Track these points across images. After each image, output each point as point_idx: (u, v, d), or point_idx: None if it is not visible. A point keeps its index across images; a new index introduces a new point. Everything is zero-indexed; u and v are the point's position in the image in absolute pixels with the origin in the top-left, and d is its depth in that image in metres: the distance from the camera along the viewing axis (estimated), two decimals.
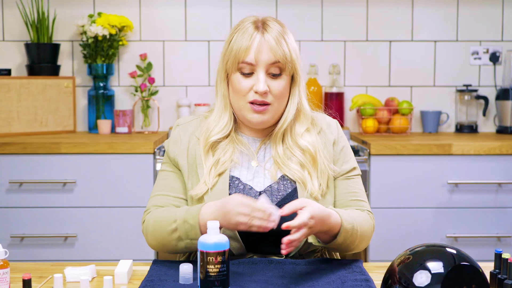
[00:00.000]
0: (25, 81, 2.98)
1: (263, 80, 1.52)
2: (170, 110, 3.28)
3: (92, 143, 2.72)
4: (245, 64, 1.53)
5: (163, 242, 1.51)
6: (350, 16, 3.27)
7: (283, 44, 1.53)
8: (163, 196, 1.59)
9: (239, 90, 1.55)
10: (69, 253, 2.74)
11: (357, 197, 1.61)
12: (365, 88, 3.31)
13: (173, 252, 1.54)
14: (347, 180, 1.62)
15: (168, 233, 1.48)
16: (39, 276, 1.43)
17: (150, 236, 1.54)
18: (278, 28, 1.55)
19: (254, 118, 1.56)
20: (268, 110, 1.55)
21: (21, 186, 2.71)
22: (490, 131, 3.33)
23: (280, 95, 1.55)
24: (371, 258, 2.78)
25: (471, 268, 1.15)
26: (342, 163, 1.63)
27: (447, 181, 2.76)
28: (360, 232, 1.52)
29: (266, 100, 1.54)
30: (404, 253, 1.20)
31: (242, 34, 1.54)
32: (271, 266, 1.45)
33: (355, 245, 1.53)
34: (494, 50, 3.29)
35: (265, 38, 1.53)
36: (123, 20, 3.10)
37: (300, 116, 1.61)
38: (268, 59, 1.52)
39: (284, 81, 1.55)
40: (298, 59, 1.57)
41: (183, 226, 1.46)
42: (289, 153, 1.58)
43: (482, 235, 2.78)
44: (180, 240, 1.47)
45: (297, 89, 1.59)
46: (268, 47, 1.52)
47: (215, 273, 1.23)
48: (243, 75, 1.54)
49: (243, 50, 1.53)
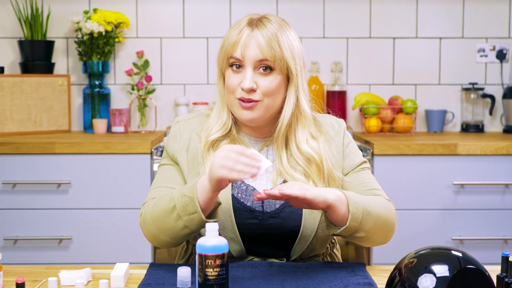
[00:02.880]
0: (18, 79, 2.98)
1: (249, 77, 1.52)
2: (168, 109, 3.28)
3: (87, 143, 2.72)
4: (233, 59, 1.53)
5: (163, 227, 1.46)
6: (353, 12, 3.27)
7: (273, 41, 1.51)
8: (163, 188, 1.57)
9: (228, 86, 1.55)
10: (64, 256, 2.74)
11: (371, 186, 1.59)
12: (368, 86, 3.31)
13: (173, 238, 1.48)
14: (358, 172, 1.61)
15: (166, 213, 1.44)
16: (33, 279, 1.43)
17: (149, 224, 1.49)
18: (273, 26, 1.53)
19: (242, 115, 1.55)
20: (257, 107, 1.53)
21: (14, 187, 2.72)
22: (497, 130, 3.33)
23: (270, 92, 1.53)
24: (375, 262, 2.78)
25: (477, 271, 1.15)
26: (350, 160, 1.63)
27: (453, 182, 2.76)
28: (376, 212, 1.46)
29: (253, 97, 1.52)
30: (409, 256, 1.20)
31: (234, 30, 1.55)
32: (272, 269, 1.45)
33: (375, 227, 1.45)
34: (501, 47, 3.29)
35: (253, 34, 1.52)
36: (119, 16, 3.10)
37: (302, 119, 1.59)
38: (255, 56, 1.51)
39: (275, 79, 1.53)
40: (294, 59, 1.54)
41: (181, 200, 1.41)
42: (293, 162, 1.57)
43: (488, 237, 2.78)
44: (179, 219, 1.42)
45: (294, 89, 1.56)
46: (255, 43, 1.51)
47: (214, 276, 1.22)
48: (233, 71, 1.55)
49: (231, 45, 1.53)
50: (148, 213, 1.51)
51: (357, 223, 1.43)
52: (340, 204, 1.41)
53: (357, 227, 1.43)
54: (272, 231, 1.53)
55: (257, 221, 1.53)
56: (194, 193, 1.40)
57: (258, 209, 1.54)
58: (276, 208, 1.54)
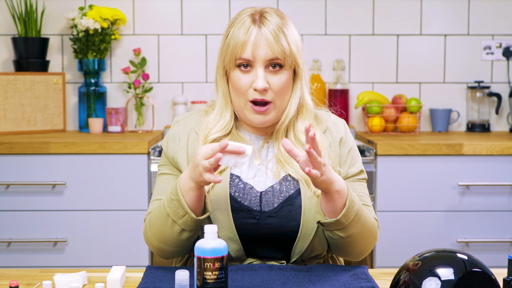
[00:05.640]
0: (12, 77, 2.98)
1: (261, 76, 1.53)
2: (165, 108, 3.28)
3: (83, 142, 2.72)
4: (242, 60, 1.54)
5: (163, 237, 1.51)
6: (356, 9, 3.27)
7: (282, 38, 1.53)
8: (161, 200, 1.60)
9: (238, 87, 1.55)
10: (58, 259, 2.74)
11: (363, 201, 1.61)
12: (371, 84, 3.31)
13: (178, 246, 1.53)
14: (353, 183, 1.63)
15: (162, 223, 1.50)
16: (27, 283, 1.43)
17: (151, 237, 1.55)
18: (276, 20, 1.54)
19: (255, 119, 1.56)
20: (270, 110, 1.55)
21: (8, 188, 2.72)
22: (503, 130, 3.33)
23: (281, 91, 1.55)
24: (378, 264, 2.78)
25: (483, 274, 1.15)
26: (350, 166, 1.63)
27: (458, 183, 2.76)
28: (364, 220, 1.50)
29: (266, 98, 1.54)
30: (413, 259, 1.20)
31: (238, 28, 1.55)
32: (272, 272, 1.45)
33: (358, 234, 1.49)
34: (507, 45, 3.29)
35: (262, 32, 1.52)
36: (115, 13, 3.10)
37: (302, 111, 1.62)
38: (266, 55, 1.52)
39: (285, 76, 1.55)
40: (299, 52, 1.57)
41: (170, 206, 1.47)
42: None
43: (494, 240, 2.78)
44: (174, 225, 1.48)
45: (299, 84, 1.59)
46: (265, 42, 1.52)
47: (213, 280, 1.22)
48: (241, 72, 1.55)
49: (240, 45, 1.53)
50: (148, 228, 1.57)
51: (346, 221, 1.46)
52: (342, 194, 1.45)
53: (344, 226, 1.47)
54: (271, 231, 1.53)
55: (255, 221, 1.53)
56: (179, 195, 1.45)
57: (256, 209, 1.54)
58: (274, 208, 1.54)
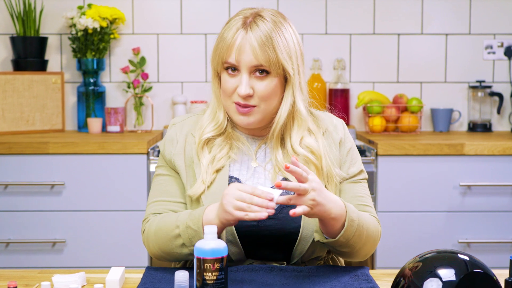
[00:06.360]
0: (10, 76, 2.98)
1: (245, 82, 1.51)
2: (165, 108, 3.28)
3: (81, 142, 2.72)
4: (228, 64, 1.53)
5: (166, 250, 1.52)
6: (356, 8, 3.27)
7: (268, 45, 1.50)
8: (160, 202, 1.61)
9: (224, 90, 1.56)
10: (57, 259, 2.74)
11: (364, 202, 1.61)
12: (372, 84, 3.31)
13: (178, 260, 1.55)
14: (353, 184, 1.62)
15: (170, 239, 1.50)
16: (26, 284, 1.43)
17: (152, 244, 1.55)
18: (267, 26, 1.51)
19: (240, 120, 1.56)
20: (254, 112, 1.54)
21: (6, 188, 2.72)
22: (505, 130, 3.33)
23: (267, 96, 1.54)
24: (379, 265, 2.78)
25: (485, 275, 1.15)
26: (349, 166, 1.63)
27: (459, 183, 2.76)
28: (366, 231, 1.51)
29: (249, 103, 1.53)
30: (414, 260, 1.20)
31: (228, 30, 1.54)
32: (272, 273, 1.45)
33: (361, 245, 1.51)
34: (509, 44, 3.29)
35: (247, 37, 1.50)
36: (114, 12, 3.10)
37: (297, 119, 1.59)
38: (250, 61, 1.51)
39: (272, 83, 1.53)
40: (291, 59, 1.54)
41: (186, 232, 1.47)
42: (289, 160, 1.58)
43: (496, 240, 2.78)
44: (184, 247, 1.48)
45: (291, 90, 1.56)
46: (250, 48, 1.50)
47: (213, 281, 1.23)
48: (229, 75, 1.54)
49: (225, 49, 1.52)
50: (151, 233, 1.55)
51: (346, 240, 1.46)
52: (339, 220, 1.44)
53: (344, 243, 1.47)
54: (271, 233, 1.53)
55: (255, 223, 1.53)
56: (199, 228, 1.45)
57: None
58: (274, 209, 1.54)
